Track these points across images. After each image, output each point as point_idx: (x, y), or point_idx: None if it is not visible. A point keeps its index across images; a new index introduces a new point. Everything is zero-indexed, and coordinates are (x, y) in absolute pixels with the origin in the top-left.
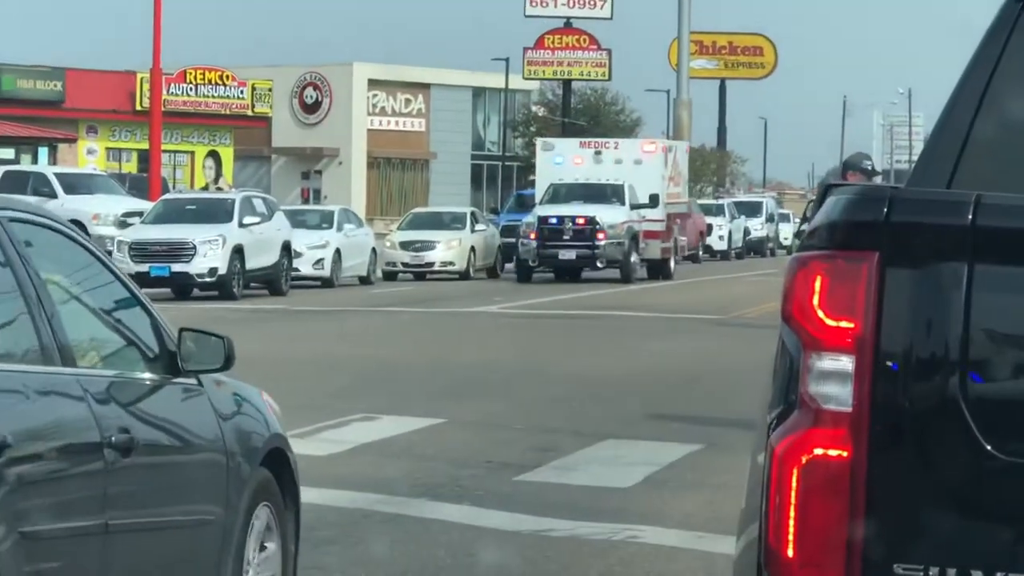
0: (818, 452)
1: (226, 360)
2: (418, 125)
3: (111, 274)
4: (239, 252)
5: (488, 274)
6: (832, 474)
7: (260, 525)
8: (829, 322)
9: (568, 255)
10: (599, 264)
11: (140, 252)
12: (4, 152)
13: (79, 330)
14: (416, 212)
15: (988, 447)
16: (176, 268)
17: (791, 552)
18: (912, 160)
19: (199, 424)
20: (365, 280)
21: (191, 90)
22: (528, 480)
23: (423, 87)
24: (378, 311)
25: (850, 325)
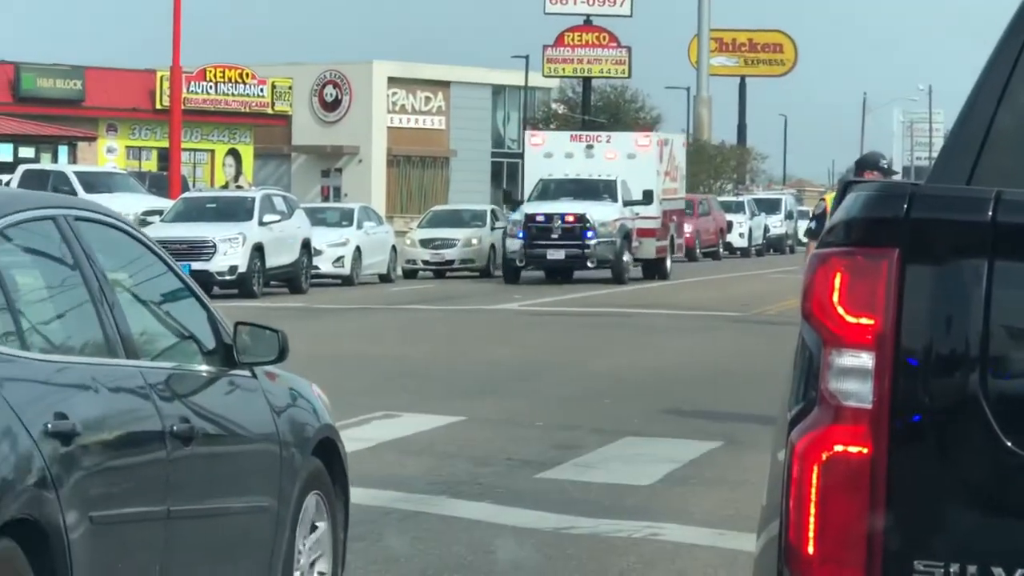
0: (838, 449)
1: (280, 353)
2: (438, 123)
3: (169, 270)
4: (259, 250)
5: None
6: (852, 471)
7: (311, 513)
8: (849, 319)
9: (556, 255)
10: (589, 264)
11: None
12: (24, 151)
13: (141, 324)
14: (436, 210)
15: (1009, 443)
16: (196, 266)
17: (811, 549)
18: (932, 157)
19: (254, 415)
20: (385, 278)
21: (211, 88)
22: (549, 477)
23: (443, 85)
24: (398, 309)
25: (870, 322)
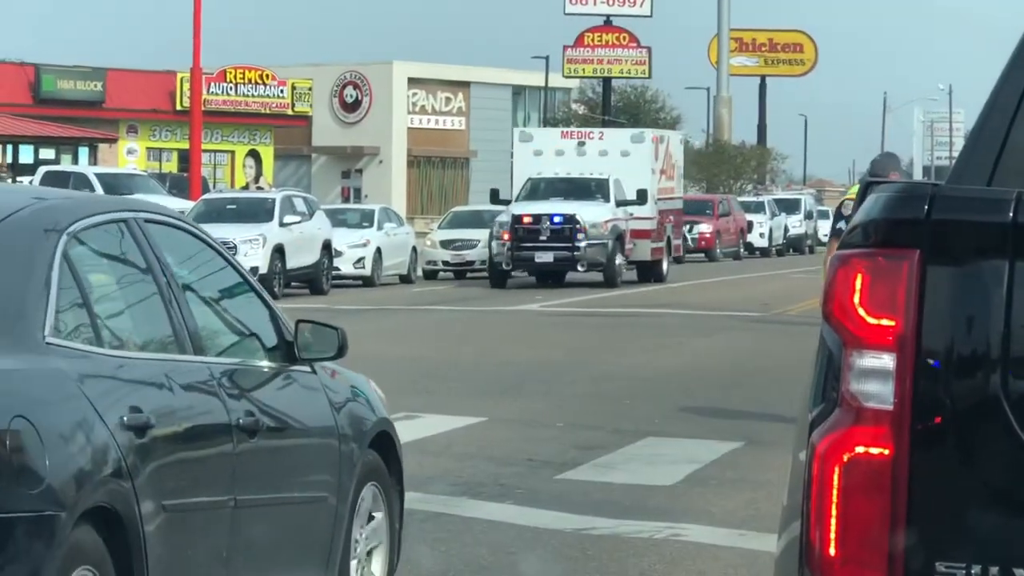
0: (860, 450)
1: (339, 349)
2: (458, 123)
3: (233, 269)
4: (280, 251)
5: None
6: (874, 472)
7: (368, 504)
8: (870, 320)
9: (545, 257)
10: (580, 267)
11: None
12: (45, 152)
13: (207, 321)
14: (456, 211)
15: None
16: None
17: (833, 550)
18: (952, 157)
19: (314, 409)
20: (406, 279)
21: (231, 89)
22: (569, 478)
23: (463, 85)
24: (419, 310)
25: (891, 323)
